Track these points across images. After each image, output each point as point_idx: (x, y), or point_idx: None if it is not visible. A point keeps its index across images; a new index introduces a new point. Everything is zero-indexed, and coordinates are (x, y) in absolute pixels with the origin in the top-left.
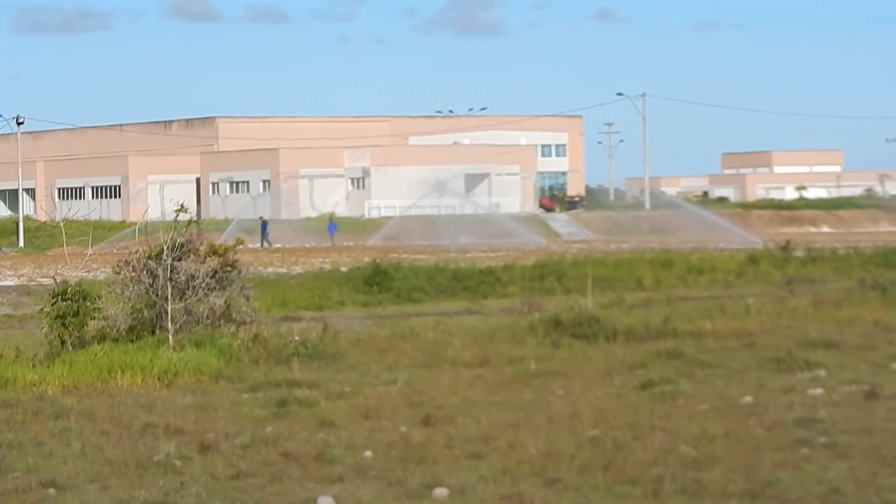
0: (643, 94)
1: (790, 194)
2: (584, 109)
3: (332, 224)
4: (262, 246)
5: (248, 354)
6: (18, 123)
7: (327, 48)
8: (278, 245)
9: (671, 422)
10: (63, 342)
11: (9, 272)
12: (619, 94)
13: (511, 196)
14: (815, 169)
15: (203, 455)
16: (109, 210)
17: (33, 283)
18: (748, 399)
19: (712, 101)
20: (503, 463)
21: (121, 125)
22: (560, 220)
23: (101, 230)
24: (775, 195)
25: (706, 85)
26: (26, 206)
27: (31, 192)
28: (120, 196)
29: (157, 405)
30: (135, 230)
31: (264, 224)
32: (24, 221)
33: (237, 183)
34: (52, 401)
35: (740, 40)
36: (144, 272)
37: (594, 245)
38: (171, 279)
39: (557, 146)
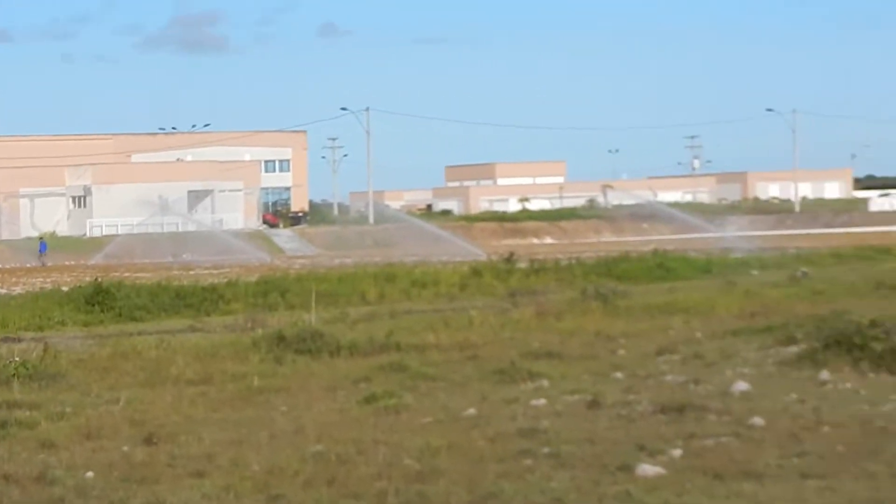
0: (367, 109)
1: (514, 206)
2: (308, 124)
3: (41, 243)
4: None
5: None
6: None
7: (50, 67)
8: None
9: (395, 435)
10: None
11: None
12: (344, 108)
13: (234, 212)
14: (539, 180)
15: None
16: None
17: None
18: (471, 411)
19: (436, 115)
20: (226, 480)
21: None
22: (284, 236)
23: None
24: (499, 207)
25: (430, 98)
26: None
27: None
28: None
29: None
30: None
31: None
32: None
33: None
34: None
35: (463, 53)
36: None
37: (318, 260)
38: None
39: (281, 161)
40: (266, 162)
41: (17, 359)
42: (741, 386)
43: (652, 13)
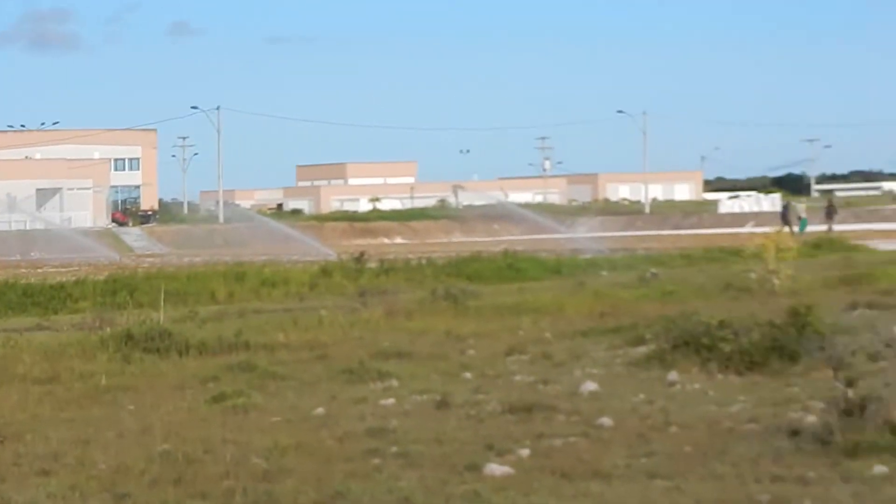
0: (217, 108)
1: (364, 206)
2: (158, 123)
3: None
4: None
5: None
6: None
7: None
8: None
9: (243, 434)
10: None
11: None
12: (194, 107)
13: (83, 210)
14: (390, 181)
15: None
16: None
17: None
18: (320, 410)
19: (287, 114)
20: (72, 479)
21: None
22: (133, 235)
23: None
24: (350, 207)
25: (281, 98)
26: None
27: None
28: None
29: None
30: None
31: None
32: None
33: None
34: None
35: (315, 53)
36: None
37: (167, 259)
38: None
39: (131, 160)
40: (116, 160)
41: None
42: (590, 386)
43: (502, 13)
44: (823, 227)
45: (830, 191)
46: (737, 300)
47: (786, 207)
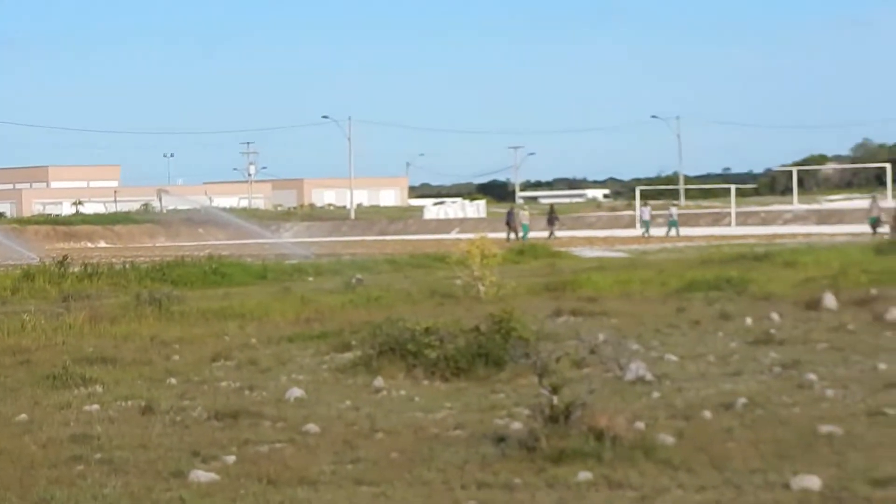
0: None
1: (67, 209)
2: None
3: None
4: None
5: None
6: None
7: None
8: None
9: None
10: None
11: None
12: None
13: None
14: (93, 184)
15: None
16: None
17: None
18: (23, 416)
19: None
20: None
21: None
22: None
23: None
24: (52, 210)
25: None
26: None
27: None
28: None
29: None
30: None
31: None
32: None
33: None
34: None
35: (13, 54)
36: None
37: None
38: None
39: None
40: None
41: None
42: (296, 392)
43: (203, 15)
44: (545, 234)
45: (535, 198)
46: (442, 306)
47: (510, 214)
